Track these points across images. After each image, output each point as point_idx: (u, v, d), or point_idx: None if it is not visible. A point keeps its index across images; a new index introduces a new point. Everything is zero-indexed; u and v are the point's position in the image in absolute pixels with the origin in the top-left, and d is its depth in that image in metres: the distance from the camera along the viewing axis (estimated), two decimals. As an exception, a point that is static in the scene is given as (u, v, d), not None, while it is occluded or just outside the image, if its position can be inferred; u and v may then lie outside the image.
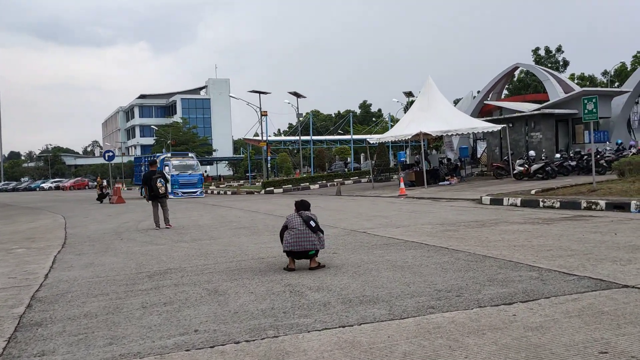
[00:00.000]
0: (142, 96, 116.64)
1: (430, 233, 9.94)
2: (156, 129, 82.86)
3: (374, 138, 32.28)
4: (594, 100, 16.65)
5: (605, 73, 60.77)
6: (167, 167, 33.81)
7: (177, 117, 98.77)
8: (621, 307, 4.51)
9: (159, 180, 13.71)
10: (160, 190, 13.64)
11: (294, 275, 6.63)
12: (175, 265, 7.86)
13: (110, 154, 31.51)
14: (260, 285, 6.14)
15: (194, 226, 13.93)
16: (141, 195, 28.44)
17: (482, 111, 40.28)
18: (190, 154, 38.72)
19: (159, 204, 13.90)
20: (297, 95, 42.91)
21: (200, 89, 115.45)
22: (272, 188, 35.70)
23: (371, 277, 6.23)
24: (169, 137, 74.08)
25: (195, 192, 34.38)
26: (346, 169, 49.81)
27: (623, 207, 12.77)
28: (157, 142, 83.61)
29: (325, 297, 5.38)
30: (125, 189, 66.40)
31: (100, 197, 30.49)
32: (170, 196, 29.20)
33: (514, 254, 7.28)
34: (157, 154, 37.94)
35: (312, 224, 6.88)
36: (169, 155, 36.85)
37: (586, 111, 16.73)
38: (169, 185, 30.17)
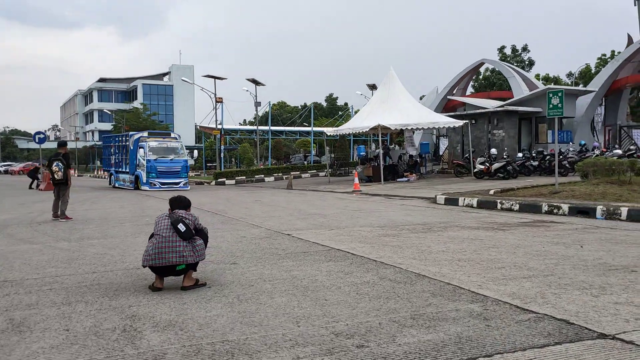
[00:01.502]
0: (101, 79, 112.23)
1: (365, 238, 8.26)
2: (109, 113, 79.33)
3: (330, 130, 30.61)
4: (559, 95, 15.27)
5: (570, 74, 60.51)
6: (142, 150, 25.82)
7: (138, 103, 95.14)
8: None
9: (55, 164, 11.66)
10: (56, 176, 11.59)
11: (152, 299, 4.82)
12: (18, 276, 5.96)
13: (42, 136, 28.72)
14: (91, 316, 4.32)
15: (100, 219, 11.96)
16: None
17: (446, 107, 39.05)
18: (173, 134, 29.73)
19: (59, 192, 11.86)
20: (255, 82, 40.86)
21: (164, 75, 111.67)
22: (224, 179, 33.66)
23: (254, 306, 4.48)
24: (128, 123, 70.91)
25: (178, 182, 26.01)
26: (305, 162, 48.06)
27: (588, 212, 11.39)
28: (115, 127, 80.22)
29: (165, 344, 3.60)
30: (77, 175, 63.29)
31: (31, 184, 27.96)
32: (146, 188, 25.03)
33: (456, 272, 5.64)
34: (131, 133, 28.78)
35: (181, 227, 5.06)
36: (145, 134, 27.72)
37: (551, 106, 15.34)
38: (143, 174, 25.34)
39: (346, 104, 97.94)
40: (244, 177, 34.63)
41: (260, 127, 47.07)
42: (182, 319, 4.15)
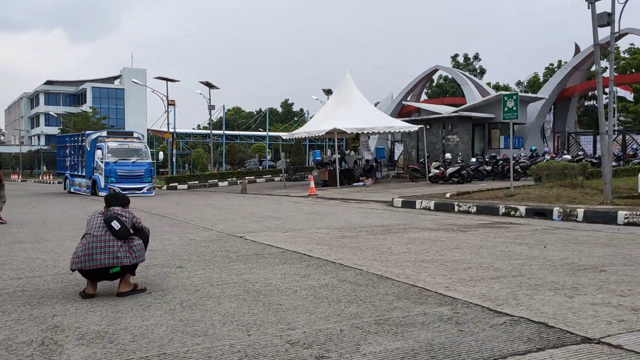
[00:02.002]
0: (48, 82, 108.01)
1: (322, 240, 7.82)
2: (56, 116, 76.26)
3: (286, 134, 30.13)
4: (514, 98, 15.33)
5: (519, 83, 62.09)
6: (100, 151, 23.04)
7: (87, 107, 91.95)
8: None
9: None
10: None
11: (81, 307, 4.23)
12: None
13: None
14: (6, 327, 3.69)
15: (38, 222, 11.08)
16: None
17: (401, 112, 39.19)
18: (135, 134, 26.25)
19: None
20: (209, 85, 39.96)
21: (115, 78, 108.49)
22: (176, 184, 32.67)
23: (199, 314, 3.95)
24: (76, 127, 68.29)
25: (141, 188, 23.12)
26: (260, 167, 47.36)
27: (545, 214, 11.32)
28: (62, 131, 77.24)
29: (90, 359, 3.04)
30: (20, 180, 60.44)
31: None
32: (104, 194, 20.39)
33: (421, 273, 5.26)
34: (88, 132, 25.99)
35: (116, 225, 4.48)
36: (103, 134, 24.91)
37: (506, 109, 15.36)
38: (101, 178, 22.58)
39: (302, 109, 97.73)
40: (197, 182, 33.71)
41: (214, 132, 46.11)
42: (114, 330, 3.59)
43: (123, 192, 20.85)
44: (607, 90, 14.78)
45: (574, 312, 3.84)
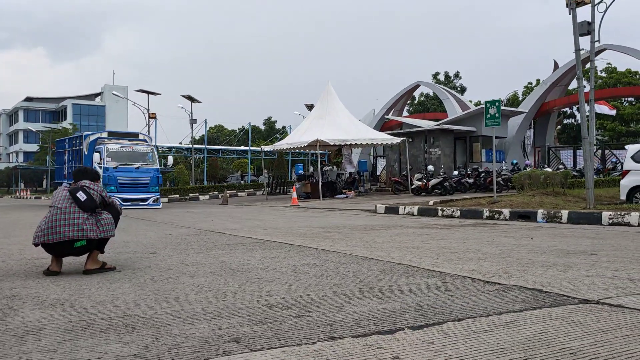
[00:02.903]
0: (28, 99, 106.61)
1: (304, 234, 7.57)
2: (35, 131, 74.98)
3: (268, 147, 29.93)
4: (497, 105, 15.35)
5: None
6: (97, 155, 19.29)
7: (67, 123, 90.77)
8: (603, 338, 2.30)
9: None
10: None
11: (43, 282, 3.92)
12: None
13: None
14: (-44, 296, 3.39)
15: (9, 224, 10.65)
16: None
17: (383, 127, 39.25)
18: (142, 135, 22.76)
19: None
20: (191, 99, 39.70)
21: (96, 95, 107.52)
22: (156, 197, 32.09)
23: (170, 286, 3.68)
24: (55, 144, 67.23)
25: (146, 199, 19.71)
26: (242, 182, 46.97)
27: (529, 216, 11.21)
28: (41, 148, 75.98)
29: (45, 320, 2.75)
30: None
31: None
32: None
33: (407, 256, 5.04)
34: (87, 133, 22.32)
35: (81, 196, 4.19)
36: (104, 135, 21.35)
37: (489, 115, 15.36)
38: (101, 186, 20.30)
39: (284, 127, 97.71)
40: (178, 195, 33.20)
41: (196, 146, 45.71)
42: (75, 298, 3.29)
43: (125, 204, 17.54)
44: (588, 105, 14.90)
45: (569, 281, 3.64)
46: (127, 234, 7.80)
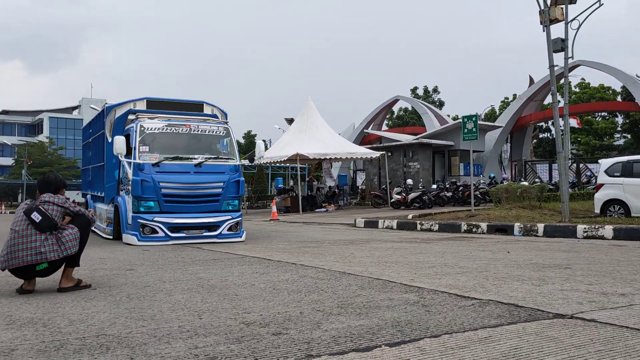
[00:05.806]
0: (4, 112, 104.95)
1: (282, 250, 7.55)
2: (10, 145, 73.64)
3: (247, 162, 29.84)
4: (474, 119, 15.57)
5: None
6: (123, 141, 9.57)
7: (44, 137, 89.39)
8: (576, 353, 2.33)
9: None
10: None
11: (16, 300, 3.85)
12: None
13: None
14: None
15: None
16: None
17: (363, 141, 39.50)
18: (208, 106, 11.60)
19: None
20: (170, 113, 39.43)
21: (73, 108, 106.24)
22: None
23: (147, 304, 3.64)
24: (32, 157, 66.02)
25: (213, 225, 9.31)
26: (222, 196, 46.62)
27: (506, 229, 11.36)
28: (16, 162, 74.64)
29: (17, 341, 2.70)
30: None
31: None
32: (133, 239, 8.94)
33: (385, 270, 5.07)
34: (108, 105, 11.85)
35: (36, 217, 4.00)
36: (139, 105, 11.12)
37: (466, 130, 15.57)
38: (128, 201, 9.60)
39: (264, 140, 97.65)
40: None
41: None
42: (49, 317, 3.24)
43: (175, 236, 9.09)
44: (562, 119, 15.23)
45: (544, 296, 3.70)
46: (103, 250, 7.70)
